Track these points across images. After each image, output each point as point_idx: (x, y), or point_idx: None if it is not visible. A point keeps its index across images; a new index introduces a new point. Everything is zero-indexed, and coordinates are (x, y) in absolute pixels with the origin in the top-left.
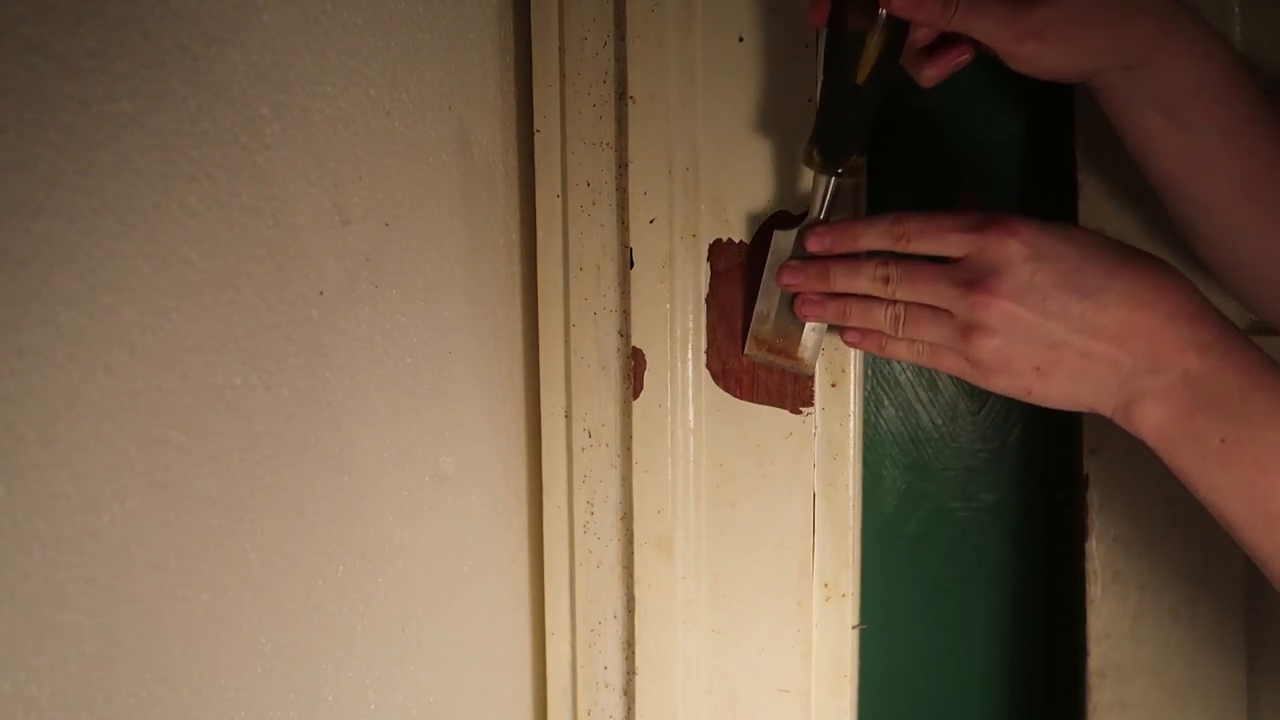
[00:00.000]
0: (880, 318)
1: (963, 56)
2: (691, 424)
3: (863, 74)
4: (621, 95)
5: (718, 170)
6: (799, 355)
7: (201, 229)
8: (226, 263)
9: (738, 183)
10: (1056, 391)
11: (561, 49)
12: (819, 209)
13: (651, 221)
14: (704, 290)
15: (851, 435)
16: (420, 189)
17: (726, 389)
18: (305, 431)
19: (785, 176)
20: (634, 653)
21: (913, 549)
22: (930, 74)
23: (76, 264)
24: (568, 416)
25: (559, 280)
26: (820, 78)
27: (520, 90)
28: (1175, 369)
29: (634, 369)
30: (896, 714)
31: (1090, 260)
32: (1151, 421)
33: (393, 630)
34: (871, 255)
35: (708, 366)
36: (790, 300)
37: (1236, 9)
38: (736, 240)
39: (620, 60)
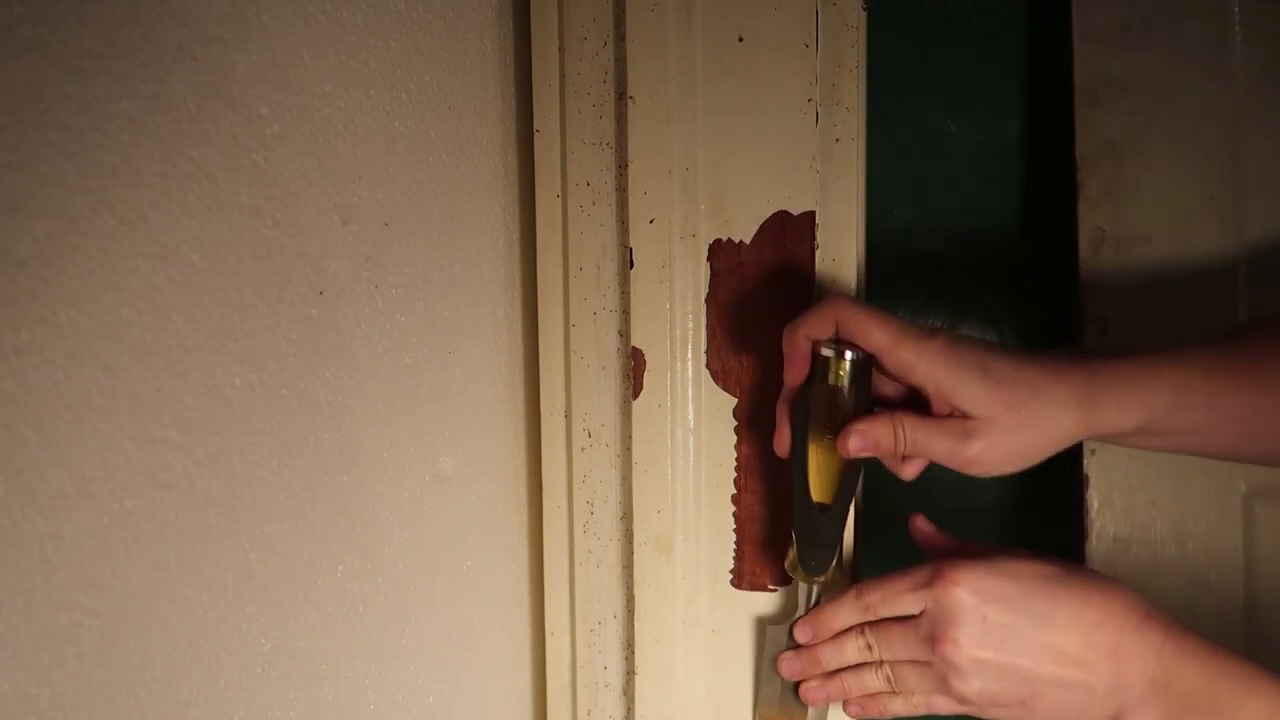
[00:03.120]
0: (874, 682)
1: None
2: (691, 424)
3: (827, 498)
4: (621, 95)
5: (718, 170)
6: None
7: (201, 229)
8: (226, 263)
9: (738, 183)
10: (1045, 718)
11: (561, 49)
12: (804, 609)
13: (651, 221)
14: (704, 290)
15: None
16: (420, 189)
17: (726, 389)
18: (305, 431)
19: (785, 176)
20: (634, 653)
21: (913, 549)
22: (909, 471)
23: (76, 264)
24: (568, 416)
25: (559, 280)
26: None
27: (520, 90)
28: (1140, 679)
29: (634, 369)
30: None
31: (1031, 593)
32: None
33: (393, 630)
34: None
35: (708, 366)
36: (793, 685)
37: (1236, 9)
38: (736, 240)
39: (620, 60)
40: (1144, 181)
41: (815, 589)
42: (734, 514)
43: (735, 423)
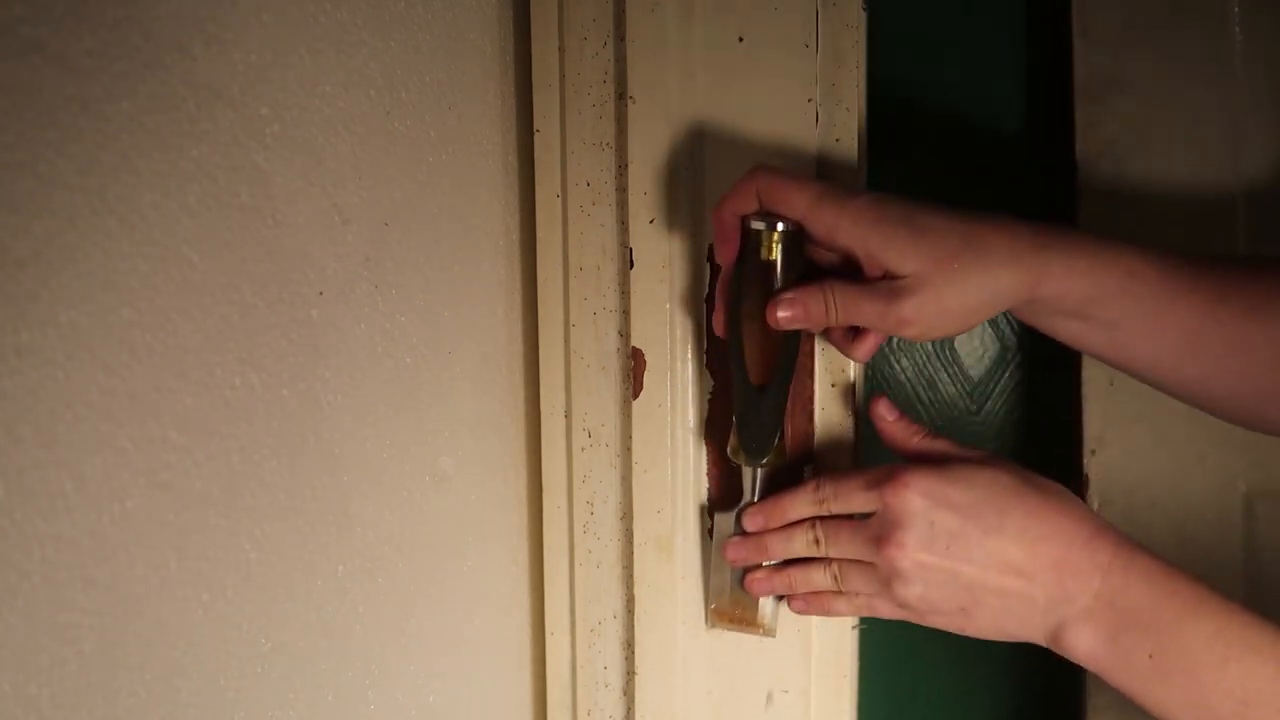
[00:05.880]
0: (821, 579)
1: (880, 334)
2: (691, 424)
3: (764, 379)
4: (621, 95)
5: (718, 170)
6: (760, 622)
7: (201, 229)
8: (226, 263)
9: None
10: (985, 626)
11: (561, 49)
12: (750, 494)
13: (651, 221)
14: (704, 290)
15: (851, 435)
16: (420, 189)
17: (726, 389)
18: (305, 431)
19: None
20: (634, 653)
21: None
22: (860, 351)
23: (76, 264)
24: (568, 416)
25: (559, 280)
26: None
27: (520, 90)
28: (1085, 594)
29: (634, 369)
30: (896, 714)
31: (982, 502)
32: (1082, 648)
33: (393, 630)
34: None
35: (707, 366)
36: (741, 574)
37: (1236, 9)
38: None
39: (620, 60)
40: (1144, 181)
41: (759, 474)
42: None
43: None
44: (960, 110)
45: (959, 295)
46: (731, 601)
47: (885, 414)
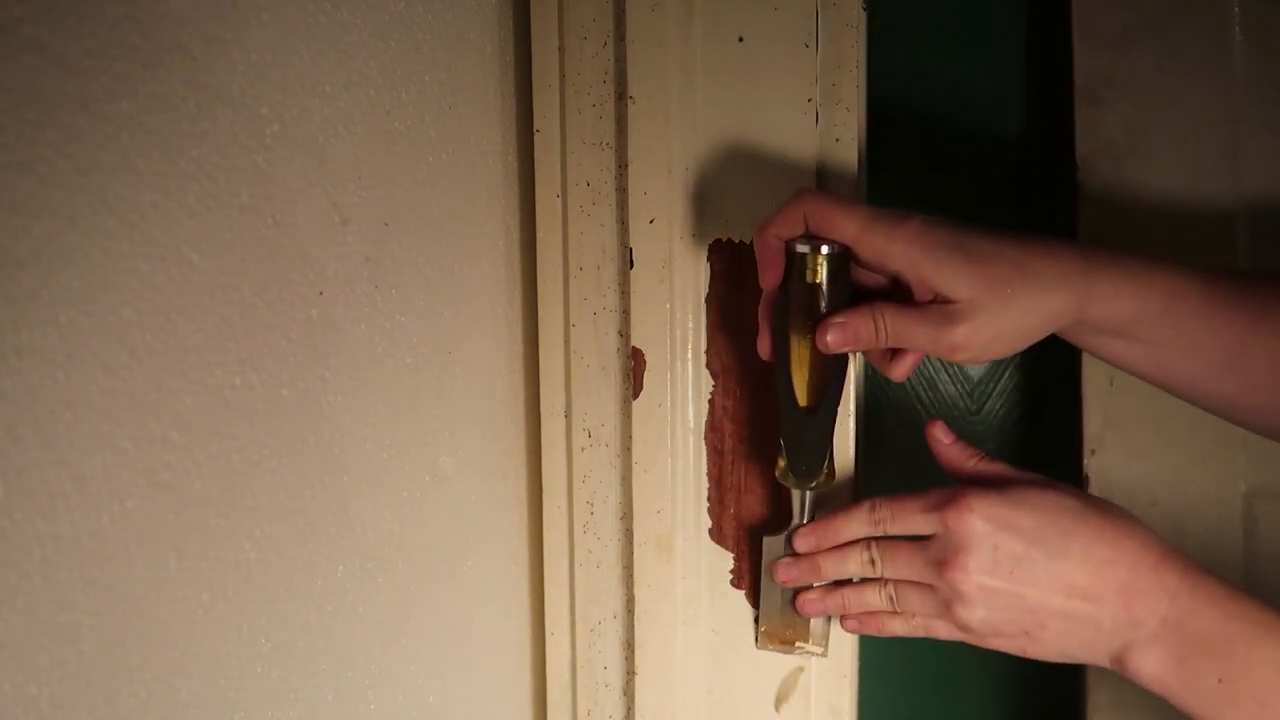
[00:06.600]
0: (875, 599)
1: (922, 353)
2: (691, 424)
3: (813, 401)
4: (621, 95)
5: (718, 170)
6: (811, 643)
7: (201, 229)
8: (226, 263)
9: (738, 182)
10: (1049, 650)
11: (561, 49)
12: (800, 517)
13: (651, 221)
14: (704, 290)
15: (851, 435)
16: (420, 189)
17: (726, 389)
18: (305, 431)
19: (785, 176)
20: (634, 653)
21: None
22: (900, 371)
23: (76, 264)
24: (568, 416)
25: (559, 280)
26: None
27: (520, 90)
28: (1151, 618)
29: (634, 369)
30: (896, 713)
31: (1047, 526)
32: (1146, 672)
33: (392, 630)
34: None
35: (708, 366)
36: (791, 595)
37: (1236, 9)
38: (736, 240)
39: (620, 60)
40: (1144, 181)
41: (808, 496)
42: (734, 513)
43: (735, 423)
44: (960, 110)
45: (1011, 320)
46: (782, 623)
47: (942, 436)
